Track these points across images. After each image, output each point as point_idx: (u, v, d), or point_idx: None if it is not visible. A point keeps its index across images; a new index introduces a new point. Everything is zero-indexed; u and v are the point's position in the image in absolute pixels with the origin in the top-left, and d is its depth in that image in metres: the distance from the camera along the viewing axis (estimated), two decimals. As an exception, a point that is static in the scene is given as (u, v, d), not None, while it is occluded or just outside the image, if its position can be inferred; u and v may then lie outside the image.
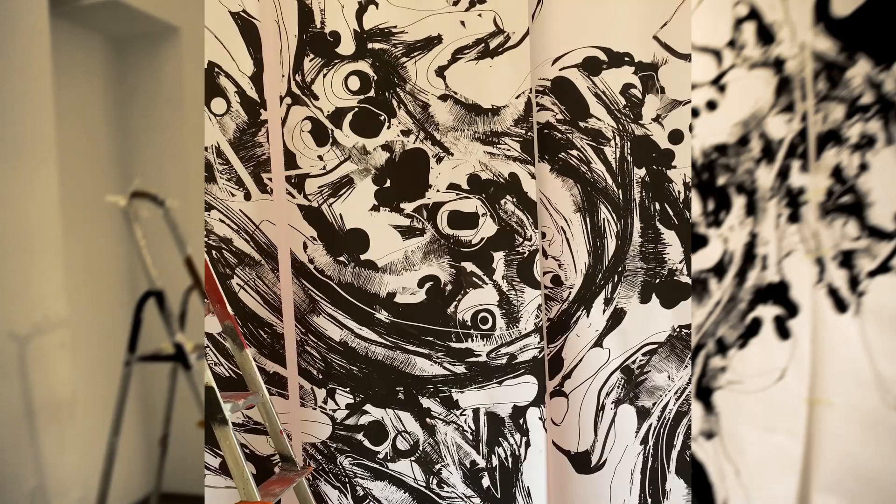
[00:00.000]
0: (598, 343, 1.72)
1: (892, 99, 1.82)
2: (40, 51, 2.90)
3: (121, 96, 4.18)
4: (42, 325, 2.79)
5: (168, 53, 3.98)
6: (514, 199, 1.65)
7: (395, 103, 1.65)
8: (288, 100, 1.67)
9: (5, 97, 2.67)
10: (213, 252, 1.64)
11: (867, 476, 1.64)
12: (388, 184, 1.67)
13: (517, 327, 1.69)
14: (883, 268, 1.66)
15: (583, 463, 1.75)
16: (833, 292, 1.67)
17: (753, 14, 1.56)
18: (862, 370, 1.66)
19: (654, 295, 1.69)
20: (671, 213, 1.65)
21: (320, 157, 1.67)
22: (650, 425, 1.72)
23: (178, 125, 3.95)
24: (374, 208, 1.68)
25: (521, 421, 1.70)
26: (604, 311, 1.71)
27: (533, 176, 1.65)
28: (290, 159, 1.68)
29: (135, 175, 3.73)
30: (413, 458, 1.72)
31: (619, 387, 1.73)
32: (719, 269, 1.68)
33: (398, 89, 1.64)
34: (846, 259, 1.67)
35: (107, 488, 2.60)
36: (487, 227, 1.67)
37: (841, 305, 1.66)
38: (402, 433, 1.72)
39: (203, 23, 1.77)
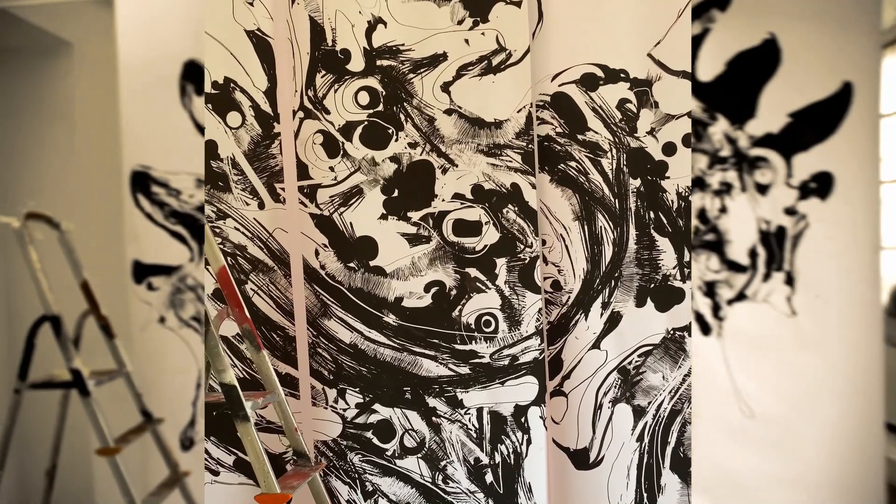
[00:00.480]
0: (596, 345, 1.76)
1: (745, 153, 1.93)
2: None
3: (5, 112, 3.78)
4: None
5: (60, 69, 3.62)
6: (516, 208, 1.69)
7: (402, 117, 1.70)
8: (300, 114, 1.71)
9: None
10: (229, 258, 1.68)
11: (732, 479, 1.81)
12: (395, 193, 1.71)
13: (519, 330, 1.72)
14: (740, 296, 1.84)
15: (581, 460, 1.79)
16: (699, 318, 1.79)
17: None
18: (723, 385, 1.77)
19: (649, 299, 1.73)
20: (665, 221, 1.70)
21: (331, 169, 1.71)
22: (646, 423, 1.76)
23: (70, 145, 3.58)
24: (383, 217, 1.71)
25: (522, 419, 1.73)
26: (601, 314, 1.75)
27: (534, 186, 1.69)
28: (302, 170, 1.71)
29: (20, 195, 3.80)
30: (420, 455, 1.75)
31: (615, 387, 1.77)
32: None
33: (405, 104, 1.69)
34: (709, 289, 1.79)
35: None
36: (490, 235, 1.71)
37: (706, 329, 1.78)
38: (409, 431, 1.75)
39: (100, 38, 1.86)
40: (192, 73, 1.98)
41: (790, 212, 1.91)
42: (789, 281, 2.01)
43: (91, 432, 2.64)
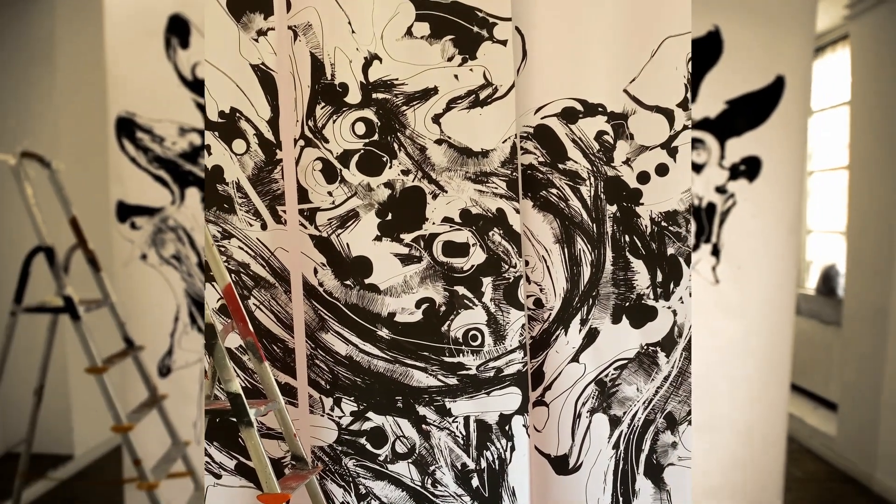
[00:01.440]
0: (575, 358, 1.76)
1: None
2: None
3: None
4: None
5: (40, 12, 3.72)
6: (501, 232, 1.69)
7: (396, 146, 1.68)
8: (301, 142, 1.70)
9: None
10: (233, 276, 1.67)
11: None
12: (389, 217, 1.70)
13: (503, 344, 1.71)
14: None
15: (561, 465, 1.78)
16: None
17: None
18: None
19: (624, 316, 1.73)
20: (639, 244, 1.71)
21: (329, 193, 1.69)
22: (621, 432, 1.76)
23: (52, 85, 3.73)
24: (377, 238, 1.70)
25: (506, 427, 1.72)
26: (580, 330, 1.75)
27: (517, 211, 1.68)
28: (302, 194, 1.70)
29: (4, 133, 3.68)
30: (410, 461, 1.74)
31: (593, 397, 1.76)
32: (669, 342, 1.73)
33: (399, 134, 1.68)
34: None
35: None
36: (477, 256, 1.71)
37: None
38: (401, 438, 1.74)
39: None
40: (177, 27, 2.05)
41: (720, 190, 1.99)
42: (715, 252, 2.11)
43: (68, 359, 2.69)
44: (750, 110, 2.51)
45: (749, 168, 2.47)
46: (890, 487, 3.71)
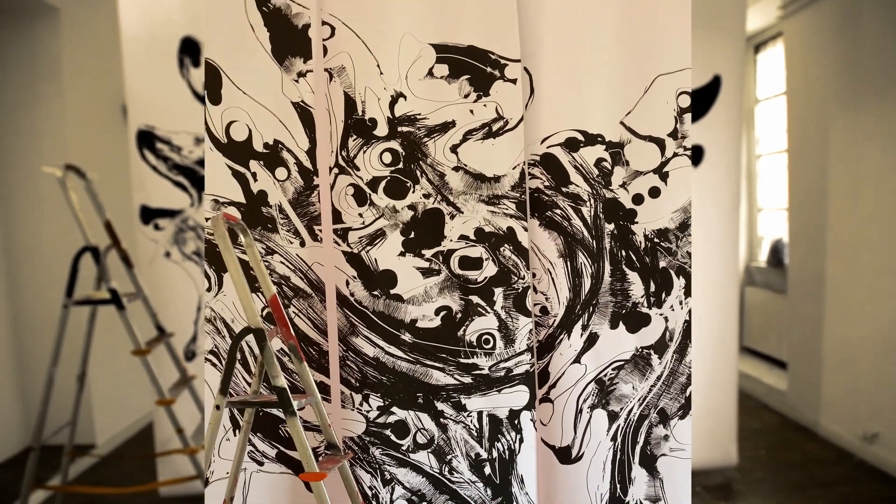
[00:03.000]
0: (577, 360, 1.88)
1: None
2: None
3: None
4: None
5: (48, 31, 3.83)
6: (511, 247, 1.81)
7: (418, 173, 1.80)
8: (336, 170, 1.81)
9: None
10: (275, 287, 1.79)
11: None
12: (412, 235, 1.81)
13: (513, 347, 1.81)
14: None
15: (565, 456, 1.89)
16: None
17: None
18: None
19: (621, 322, 1.86)
20: (634, 258, 1.84)
21: (360, 215, 1.81)
22: (618, 426, 1.88)
23: (60, 102, 3.84)
24: (402, 254, 1.81)
25: (515, 422, 1.82)
26: (581, 334, 1.87)
27: (525, 229, 1.80)
28: (336, 215, 1.81)
29: (20, 145, 3.86)
30: (430, 450, 1.85)
31: (593, 395, 1.88)
32: (661, 345, 1.85)
33: (421, 162, 1.80)
34: None
35: (45, 411, 2.71)
36: (489, 269, 1.81)
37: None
38: (421, 430, 1.84)
39: (84, 6, 2.02)
40: (189, 48, 2.18)
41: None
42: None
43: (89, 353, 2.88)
44: (693, 105, 2.80)
45: (694, 155, 2.75)
46: (833, 432, 4.03)
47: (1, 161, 4.04)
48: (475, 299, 1.83)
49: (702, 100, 2.93)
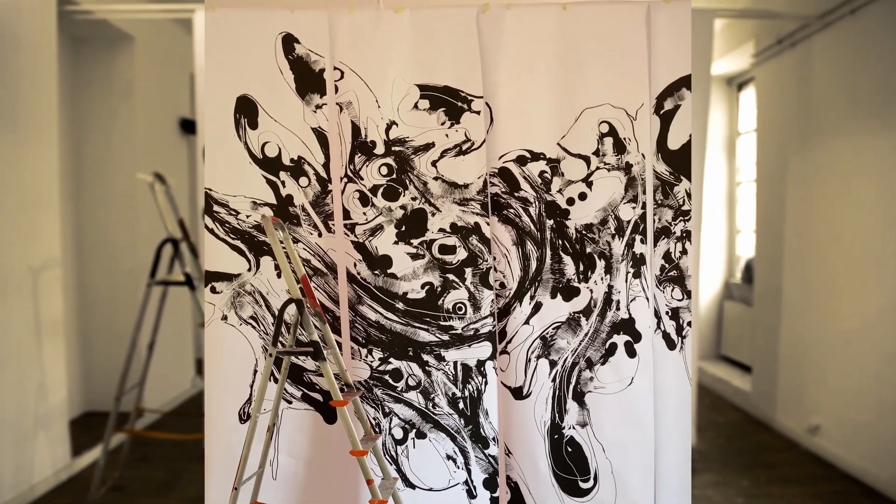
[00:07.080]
0: (527, 322, 2.14)
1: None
2: (47, 54, 3.25)
3: (77, 89, 4.41)
4: (48, 262, 3.16)
5: (123, 55, 4.31)
6: (477, 238, 2.08)
7: (407, 182, 2.07)
8: (345, 179, 2.09)
9: (22, 93, 3.04)
10: (303, 266, 2.03)
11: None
12: (403, 228, 2.08)
13: (479, 313, 2.07)
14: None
15: (518, 394, 2.16)
16: (666, 335, 2.10)
17: (612, 131, 2.14)
18: (683, 386, 2.12)
19: (558, 294, 2.15)
20: (568, 246, 2.17)
21: (364, 213, 2.09)
22: (557, 371, 2.16)
23: (129, 115, 4.33)
24: (395, 242, 2.08)
25: (482, 369, 2.09)
26: (530, 303, 2.14)
27: (488, 224, 2.07)
28: (346, 214, 2.09)
29: (84, 156, 4.25)
30: (418, 391, 2.11)
31: (539, 348, 2.15)
32: (587, 311, 2.11)
33: (409, 174, 2.08)
34: (674, 314, 2.13)
35: (128, 369, 3.01)
36: (461, 254, 2.08)
37: (671, 345, 2.11)
38: (411, 375, 2.11)
39: (154, 33, 2.19)
40: (245, 107, 2.01)
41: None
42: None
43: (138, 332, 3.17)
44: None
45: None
46: (786, 425, 4.49)
47: (80, 164, 4.40)
48: (451, 277, 2.09)
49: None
